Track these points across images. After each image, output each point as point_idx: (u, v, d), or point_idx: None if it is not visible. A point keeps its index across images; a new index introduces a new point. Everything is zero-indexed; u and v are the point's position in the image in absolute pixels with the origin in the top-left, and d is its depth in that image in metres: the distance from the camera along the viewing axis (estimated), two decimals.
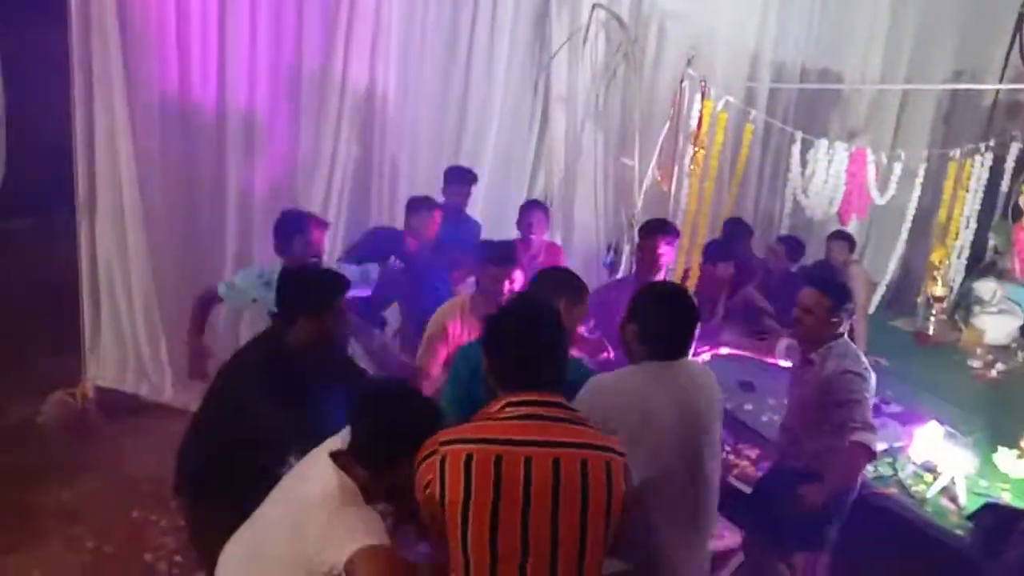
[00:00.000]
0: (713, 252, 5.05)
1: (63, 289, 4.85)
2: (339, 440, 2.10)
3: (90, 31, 4.36)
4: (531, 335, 1.97)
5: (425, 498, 1.87)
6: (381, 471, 2.02)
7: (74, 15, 4.33)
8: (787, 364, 3.63)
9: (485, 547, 1.80)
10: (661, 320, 2.42)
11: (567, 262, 5.88)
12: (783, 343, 3.65)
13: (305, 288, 2.79)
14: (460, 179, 4.96)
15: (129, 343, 4.88)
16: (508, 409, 1.89)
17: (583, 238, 6.10)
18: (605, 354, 3.46)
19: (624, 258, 5.41)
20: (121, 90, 4.45)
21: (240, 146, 4.94)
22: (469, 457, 1.81)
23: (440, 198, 4.87)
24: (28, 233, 6.37)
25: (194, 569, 3.61)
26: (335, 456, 2.05)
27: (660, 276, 3.96)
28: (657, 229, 3.99)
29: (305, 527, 1.95)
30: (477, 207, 5.70)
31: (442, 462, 1.84)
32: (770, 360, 3.75)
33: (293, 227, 3.79)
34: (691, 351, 2.48)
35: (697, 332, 2.45)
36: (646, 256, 3.97)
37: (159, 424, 4.82)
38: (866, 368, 3.12)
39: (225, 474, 2.65)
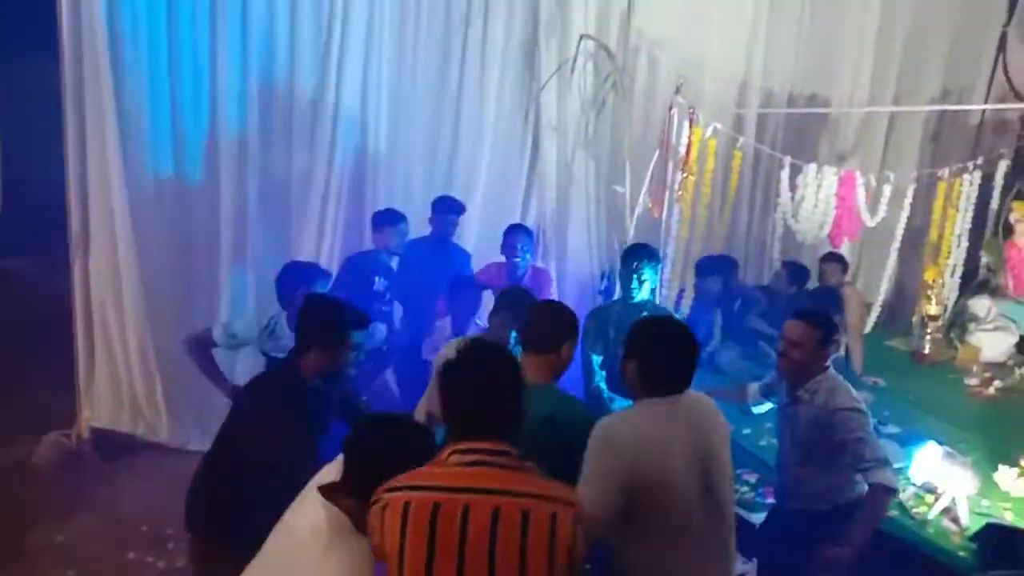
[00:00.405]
0: (703, 266, 5.23)
1: (58, 328, 4.84)
2: (334, 469, 2.10)
3: (82, 64, 4.41)
4: (478, 384, 1.93)
5: (372, 546, 1.86)
6: (365, 499, 1.98)
7: (65, 47, 4.38)
8: (760, 408, 3.67)
9: None
10: (662, 356, 2.40)
11: (560, 288, 5.93)
12: (754, 386, 3.65)
13: (326, 320, 2.83)
14: (447, 209, 4.98)
15: (124, 382, 4.87)
16: (454, 456, 1.87)
17: (577, 265, 6.11)
18: None
19: (617, 285, 5.41)
20: (113, 124, 4.50)
21: (233, 180, 4.95)
22: (407, 504, 1.79)
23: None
24: (23, 271, 6.38)
25: None
26: (323, 489, 2.05)
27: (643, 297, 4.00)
28: (637, 255, 4.05)
29: (292, 565, 1.96)
30: (471, 236, 5.74)
31: (383, 509, 1.82)
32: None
33: (299, 281, 3.75)
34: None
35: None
36: (628, 280, 4.03)
37: (155, 464, 4.82)
38: (858, 401, 3.05)
39: (239, 508, 2.63)
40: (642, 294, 4.03)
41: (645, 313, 3.98)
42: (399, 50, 5.38)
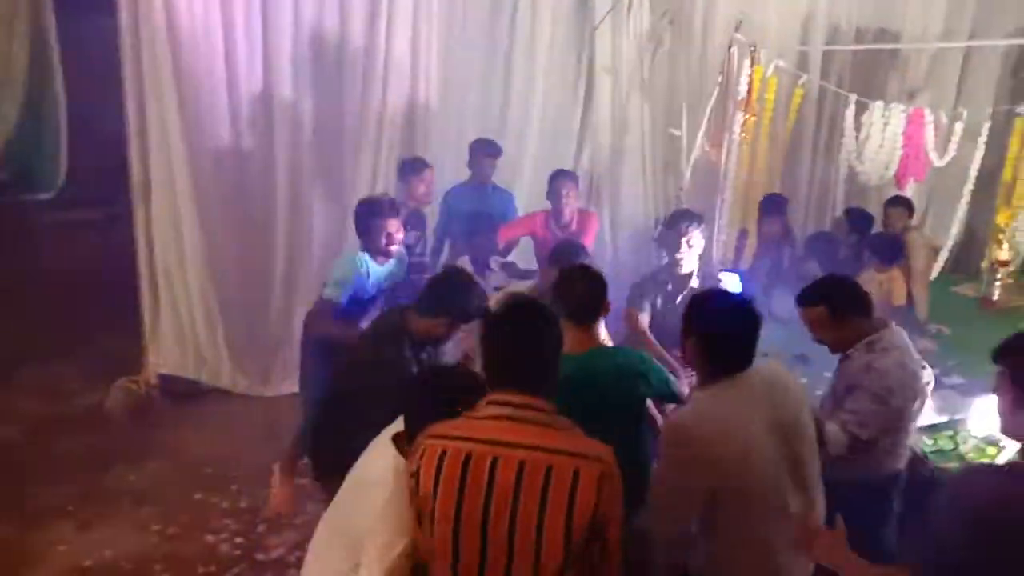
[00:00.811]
0: (765, 206, 5.09)
1: (124, 277, 5.00)
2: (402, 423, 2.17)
3: (138, 21, 4.46)
4: (515, 336, 1.93)
5: (408, 489, 1.90)
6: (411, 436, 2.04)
7: (123, 6, 4.42)
8: None
9: (448, 544, 1.80)
10: (725, 332, 2.29)
11: (614, 235, 5.85)
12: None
13: (452, 296, 2.90)
14: (483, 152, 4.95)
15: (187, 330, 5.03)
16: (490, 408, 1.87)
17: (631, 212, 6.03)
18: None
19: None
20: (170, 79, 4.56)
21: (287, 129, 4.98)
22: (443, 453, 1.82)
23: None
24: (90, 223, 6.57)
25: (255, 550, 3.74)
26: (395, 438, 2.12)
27: (688, 260, 3.93)
28: (686, 219, 3.98)
29: (362, 506, 2.05)
30: (524, 183, 5.69)
31: (421, 455, 1.86)
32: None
33: (375, 213, 3.85)
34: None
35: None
36: (676, 246, 3.94)
37: (219, 409, 5.00)
38: (906, 368, 2.84)
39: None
40: (691, 261, 3.95)
41: (696, 283, 3.95)
42: None
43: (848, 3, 6.25)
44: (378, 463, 2.13)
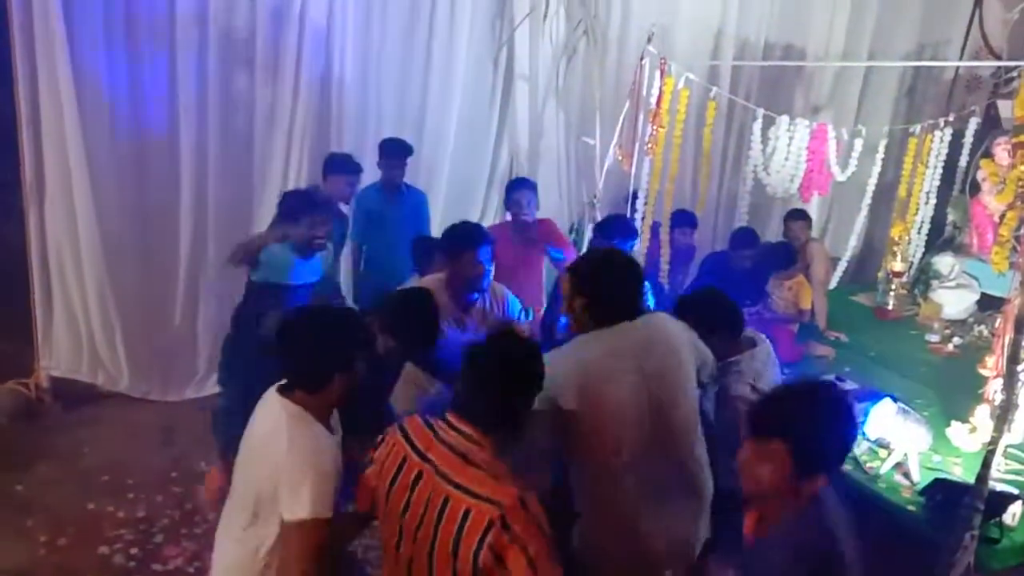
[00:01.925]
0: (676, 219, 5.24)
1: (14, 275, 4.74)
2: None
3: (32, 16, 4.23)
4: (483, 372, 2.00)
5: (365, 471, 2.09)
6: (318, 391, 2.13)
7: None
8: None
9: (389, 542, 2.02)
10: (610, 283, 2.41)
11: None
12: None
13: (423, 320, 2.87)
14: (394, 152, 4.87)
15: (83, 331, 4.80)
16: (444, 424, 1.99)
17: (547, 217, 6.06)
18: None
19: (586, 237, 5.38)
20: (66, 69, 4.34)
21: (192, 127, 4.83)
22: (394, 446, 2.03)
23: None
24: None
25: (152, 561, 3.59)
26: (280, 389, 2.17)
27: None
28: (615, 231, 4.05)
29: (259, 461, 2.11)
30: (442, 183, 5.67)
31: (383, 442, 2.07)
32: None
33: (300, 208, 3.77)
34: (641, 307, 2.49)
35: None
36: None
37: (116, 413, 4.79)
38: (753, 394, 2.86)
39: None
40: None
41: None
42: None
43: (757, 19, 6.47)
44: (268, 418, 2.15)
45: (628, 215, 5.03)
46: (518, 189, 4.66)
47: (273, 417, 2.13)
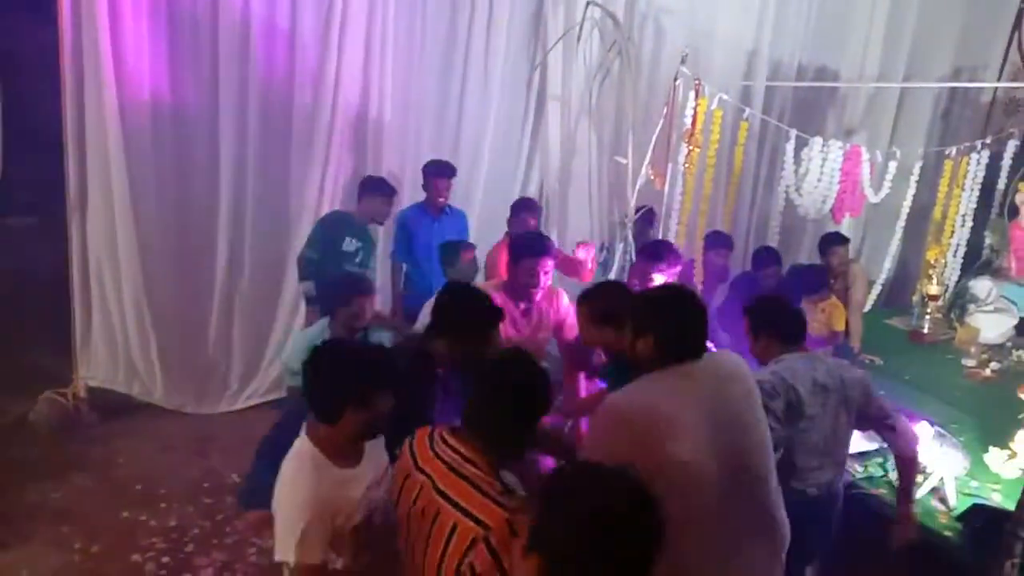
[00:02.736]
0: (710, 240, 5.19)
1: (56, 287, 4.85)
2: None
3: (80, 27, 4.35)
4: (488, 393, 2.02)
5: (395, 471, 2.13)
6: (332, 424, 2.14)
7: (63, 9, 4.30)
8: None
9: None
10: (673, 321, 2.31)
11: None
12: None
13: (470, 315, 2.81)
14: (440, 173, 4.94)
15: (120, 343, 4.88)
16: (443, 442, 2.02)
17: (577, 236, 6.06)
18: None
19: (616, 257, 5.39)
20: (111, 89, 4.44)
21: (232, 148, 4.92)
22: (407, 476, 2.05)
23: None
24: (23, 230, 6.37)
25: (182, 570, 3.63)
26: (307, 425, 2.20)
27: None
28: (653, 256, 4.07)
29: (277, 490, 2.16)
30: (475, 204, 5.72)
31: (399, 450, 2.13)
32: None
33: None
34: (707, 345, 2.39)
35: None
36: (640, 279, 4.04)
37: (151, 424, 4.86)
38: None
39: None
40: None
41: None
42: (408, 24, 5.31)
43: (791, 41, 6.47)
44: (290, 451, 2.20)
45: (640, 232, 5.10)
46: (523, 209, 4.81)
47: (294, 447, 2.19)
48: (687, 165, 5.03)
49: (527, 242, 3.66)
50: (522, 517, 1.63)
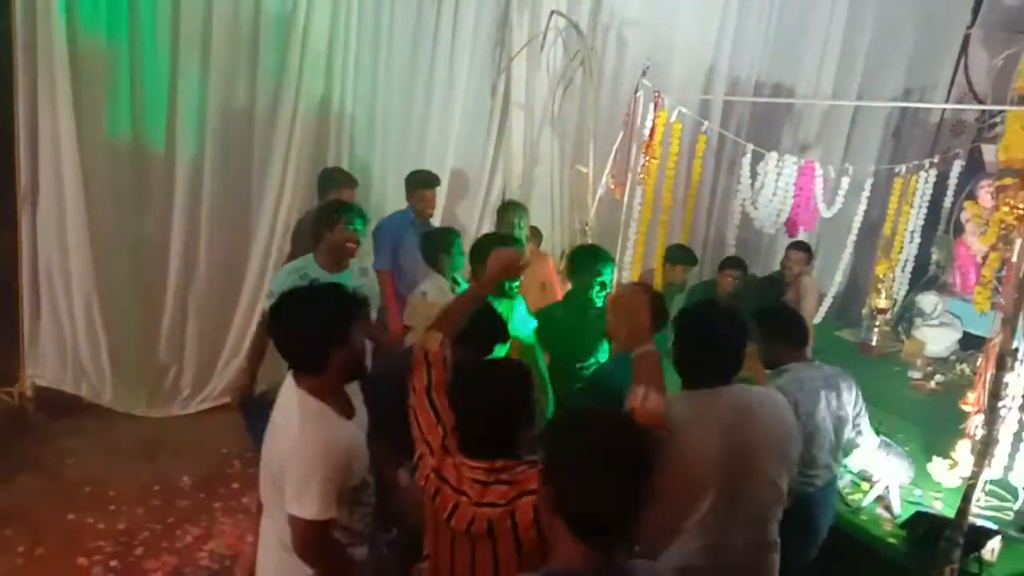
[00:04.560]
0: (672, 254, 5.25)
1: (3, 283, 4.71)
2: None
3: (35, 10, 4.24)
4: (481, 409, 2.04)
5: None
6: (324, 369, 2.13)
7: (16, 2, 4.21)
8: None
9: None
10: (697, 342, 2.32)
11: None
12: None
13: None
14: (427, 183, 4.88)
15: (69, 341, 4.76)
16: (463, 467, 2.05)
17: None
18: None
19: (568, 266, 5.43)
20: (65, 77, 4.34)
21: (189, 146, 4.85)
22: (436, 491, 2.07)
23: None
24: None
25: (131, 574, 3.56)
26: (295, 378, 2.19)
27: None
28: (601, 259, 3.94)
29: (276, 446, 2.14)
30: (437, 212, 5.69)
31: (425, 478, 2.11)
32: None
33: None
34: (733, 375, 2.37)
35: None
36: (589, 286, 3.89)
37: (100, 426, 4.75)
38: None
39: None
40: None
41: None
42: (373, 21, 5.30)
43: (749, 57, 6.60)
44: (284, 404, 2.18)
45: None
46: (511, 211, 4.73)
47: (288, 403, 2.16)
48: (644, 176, 5.10)
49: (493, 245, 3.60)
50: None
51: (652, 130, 4.92)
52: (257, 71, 4.95)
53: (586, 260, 3.81)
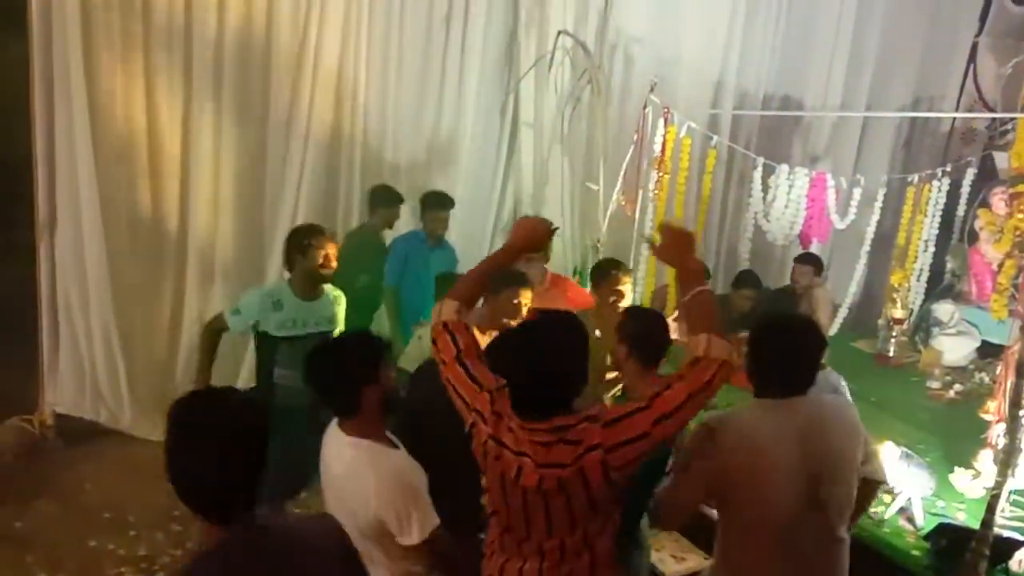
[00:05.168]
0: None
1: (22, 310, 4.77)
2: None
3: (51, 42, 4.31)
4: (522, 365, 2.03)
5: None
6: (359, 409, 2.23)
7: (35, 24, 4.28)
8: None
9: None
10: (774, 353, 2.33)
11: None
12: None
13: None
14: (441, 204, 4.91)
15: (87, 369, 4.80)
16: (516, 426, 2.04)
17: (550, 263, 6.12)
18: None
19: (588, 281, 5.44)
20: (83, 103, 4.41)
21: (205, 174, 4.91)
22: (496, 457, 2.07)
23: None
24: None
25: None
26: (340, 426, 2.28)
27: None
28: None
29: (353, 498, 2.19)
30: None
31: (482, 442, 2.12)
32: None
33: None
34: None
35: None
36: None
37: (119, 451, 4.77)
38: None
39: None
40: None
41: None
42: (383, 43, 5.37)
43: (756, 71, 6.62)
44: (337, 459, 2.25)
45: None
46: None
47: (341, 456, 2.24)
48: (656, 191, 5.12)
49: (506, 274, 3.58)
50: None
51: (663, 146, 4.95)
52: (269, 100, 5.02)
53: (600, 271, 3.87)
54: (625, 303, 3.87)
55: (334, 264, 3.54)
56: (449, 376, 2.18)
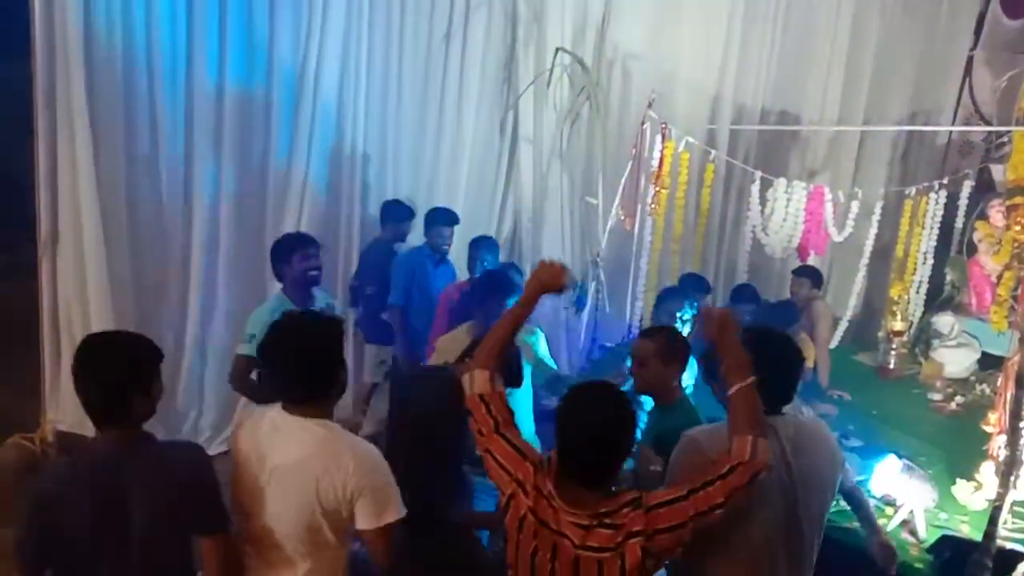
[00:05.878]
0: (688, 283, 5.11)
1: (24, 329, 4.77)
2: (269, 411, 2.27)
3: (54, 65, 4.33)
4: (585, 443, 2.03)
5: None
6: (328, 395, 2.25)
7: (38, 47, 4.29)
8: None
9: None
10: (775, 370, 2.29)
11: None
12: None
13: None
14: (446, 221, 4.94)
15: None
16: (569, 510, 2.03)
17: None
18: None
19: (589, 296, 5.46)
20: (85, 127, 4.42)
21: (207, 193, 4.93)
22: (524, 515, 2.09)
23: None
24: None
25: None
26: (288, 410, 2.22)
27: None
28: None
29: (315, 482, 2.14)
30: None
31: (520, 519, 2.11)
32: None
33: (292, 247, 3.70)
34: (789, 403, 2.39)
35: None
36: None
37: None
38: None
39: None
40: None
41: None
42: (383, 61, 5.41)
43: (753, 86, 6.66)
44: (294, 445, 2.17)
45: None
46: (485, 247, 4.79)
47: (301, 441, 2.17)
48: (654, 206, 5.14)
49: (498, 283, 3.62)
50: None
51: (661, 161, 4.98)
52: (271, 121, 5.06)
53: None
54: None
55: (318, 267, 3.70)
56: (489, 447, 2.17)
